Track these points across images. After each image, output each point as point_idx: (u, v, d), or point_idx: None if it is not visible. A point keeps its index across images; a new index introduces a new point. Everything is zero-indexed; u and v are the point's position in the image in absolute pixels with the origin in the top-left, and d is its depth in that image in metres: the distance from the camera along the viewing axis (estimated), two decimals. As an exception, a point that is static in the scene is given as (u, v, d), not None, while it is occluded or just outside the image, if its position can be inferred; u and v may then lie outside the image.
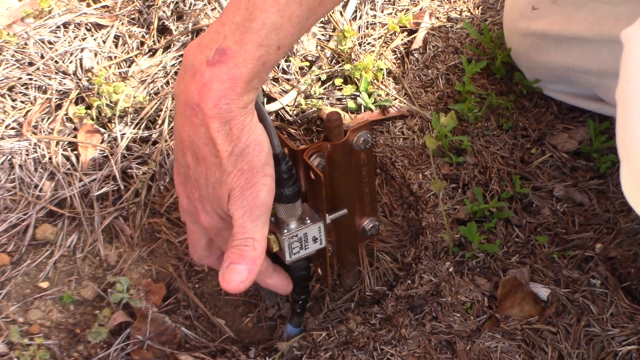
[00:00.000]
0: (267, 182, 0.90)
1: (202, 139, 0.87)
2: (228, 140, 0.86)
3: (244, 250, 0.89)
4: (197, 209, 0.93)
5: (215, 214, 0.92)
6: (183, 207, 0.95)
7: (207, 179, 0.89)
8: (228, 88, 0.84)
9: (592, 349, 1.07)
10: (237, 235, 0.89)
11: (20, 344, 1.10)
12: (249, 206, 0.89)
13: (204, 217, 0.93)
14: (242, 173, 0.88)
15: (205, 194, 0.91)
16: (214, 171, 0.88)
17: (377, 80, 1.35)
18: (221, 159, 0.87)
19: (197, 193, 0.91)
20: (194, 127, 0.86)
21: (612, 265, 1.15)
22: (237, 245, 0.90)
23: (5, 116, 1.31)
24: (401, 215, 1.24)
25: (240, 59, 0.84)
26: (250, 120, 0.87)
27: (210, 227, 0.94)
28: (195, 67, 0.86)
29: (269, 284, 1.02)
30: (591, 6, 1.20)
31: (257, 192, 0.89)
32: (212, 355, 1.10)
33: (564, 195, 1.23)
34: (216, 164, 0.88)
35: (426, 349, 1.07)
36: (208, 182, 0.89)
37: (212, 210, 0.92)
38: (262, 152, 0.89)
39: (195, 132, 0.87)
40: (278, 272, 1.02)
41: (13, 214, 1.22)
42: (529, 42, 1.29)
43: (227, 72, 0.84)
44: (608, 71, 1.20)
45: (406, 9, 1.46)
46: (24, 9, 1.45)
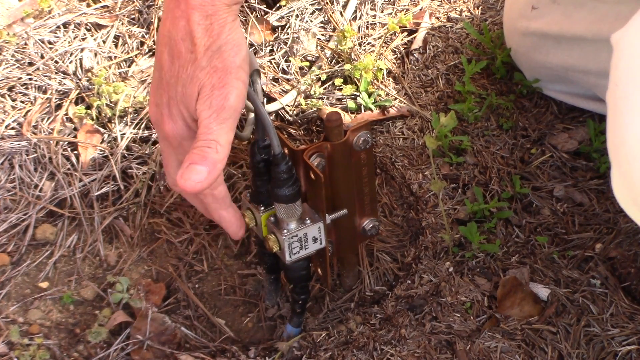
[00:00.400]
0: (239, 85, 0.87)
1: (181, 32, 0.85)
2: (207, 34, 0.84)
3: (205, 152, 0.86)
4: (162, 115, 0.89)
5: (181, 118, 0.89)
6: (151, 118, 0.92)
7: (179, 76, 0.86)
8: None
9: (592, 349, 1.07)
10: (201, 136, 0.86)
11: (20, 344, 1.10)
12: (217, 106, 0.86)
13: (169, 123, 0.89)
14: (215, 70, 0.85)
15: (174, 94, 0.87)
16: (186, 67, 0.85)
17: (377, 80, 1.35)
18: (196, 53, 0.85)
19: (166, 95, 0.88)
20: (175, 20, 0.85)
21: (612, 265, 1.15)
22: (200, 146, 0.86)
23: (5, 116, 1.31)
24: (401, 215, 1.24)
25: None
26: (233, 21, 0.85)
27: (172, 134, 0.90)
28: None
29: (222, 216, 0.97)
30: (591, 6, 1.20)
31: (227, 94, 0.86)
32: (212, 355, 1.10)
33: (564, 195, 1.23)
34: (190, 60, 0.85)
35: (426, 349, 1.07)
36: (179, 80, 0.86)
37: (178, 114, 0.88)
38: (238, 54, 0.86)
39: (175, 25, 0.85)
40: (234, 209, 0.98)
41: (13, 214, 1.22)
42: (528, 42, 1.29)
43: None
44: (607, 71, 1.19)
45: (406, 9, 1.46)
46: (24, 9, 1.45)
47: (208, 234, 1.22)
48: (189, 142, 0.89)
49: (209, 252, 1.21)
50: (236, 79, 0.87)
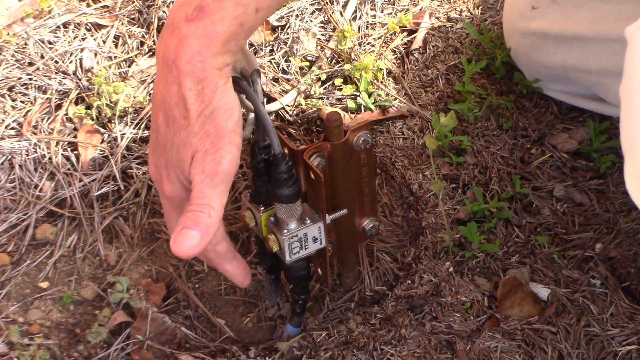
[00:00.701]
0: (232, 150, 0.87)
1: (174, 97, 0.85)
2: (199, 100, 0.85)
3: (198, 216, 0.87)
4: (161, 177, 0.91)
5: (178, 181, 0.90)
6: (152, 177, 0.93)
7: (173, 141, 0.87)
8: (203, 45, 0.84)
9: (592, 349, 1.07)
10: (194, 200, 0.87)
11: (20, 344, 1.10)
12: (209, 171, 0.86)
13: (167, 185, 0.90)
14: (207, 136, 0.86)
15: (170, 157, 0.88)
16: (180, 133, 0.86)
17: (377, 80, 1.35)
18: (189, 119, 0.85)
19: (163, 159, 0.89)
20: (168, 85, 0.85)
21: (612, 265, 1.15)
22: (193, 210, 0.87)
23: (5, 116, 1.31)
24: (401, 215, 1.24)
25: (217, 16, 0.84)
26: (224, 84, 0.86)
27: (172, 196, 0.91)
28: (175, 23, 0.85)
29: (227, 270, 0.99)
30: (591, 5, 1.20)
31: (220, 159, 0.87)
32: (212, 355, 1.10)
33: (564, 195, 1.23)
34: (183, 125, 0.86)
35: (426, 349, 1.07)
36: (173, 145, 0.87)
37: (175, 177, 0.89)
38: (231, 118, 0.87)
39: (168, 90, 0.85)
40: (239, 261, 0.99)
41: (13, 214, 1.22)
42: (528, 42, 1.29)
43: (204, 29, 0.83)
44: (608, 70, 1.20)
45: (406, 9, 1.46)
46: (24, 9, 1.45)
47: (208, 234, 1.22)
48: (187, 203, 0.90)
49: (209, 252, 1.21)
50: (229, 143, 0.87)
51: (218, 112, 0.86)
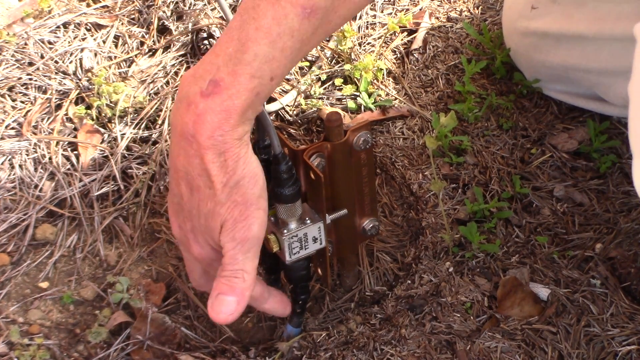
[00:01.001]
0: (260, 215, 0.90)
1: (197, 169, 0.87)
2: (222, 171, 0.86)
3: (233, 282, 0.90)
4: (188, 239, 0.93)
5: (207, 244, 0.92)
6: (176, 237, 0.96)
7: (200, 209, 0.89)
8: (222, 119, 0.85)
9: (592, 349, 1.07)
10: (227, 267, 0.90)
11: (20, 344, 1.10)
12: (240, 238, 0.89)
13: (196, 247, 0.93)
14: (235, 205, 0.88)
15: (197, 224, 0.91)
16: (206, 202, 0.88)
17: (377, 80, 1.35)
18: (215, 190, 0.87)
19: (189, 224, 0.92)
20: (189, 158, 0.87)
21: (612, 265, 1.15)
22: (227, 276, 0.90)
23: (5, 116, 1.31)
24: (401, 215, 1.24)
25: (234, 90, 0.84)
26: (246, 153, 0.87)
27: (202, 258, 0.94)
28: (189, 97, 0.86)
29: (266, 309, 1.02)
30: (591, 5, 1.20)
31: (249, 225, 0.89)
32: (212, 355, 1.10)
33: (564, 195, 1.23)
34: (209, 195, 0.88)
35: (426, 349, 1.07)
36: (200, 213, 0.89)
37: (203, 241, 0.92)
38: (256, 185, 0.89)
39: (190, 162, 0.87)
40: (274, 296, 1.01)
41: (13, 214, 1.22)
42: (528, 42, 1.29)
43: (221, 104, 0.84)
44: (609, 70, 1.20)
45: (406, 9, 1.46)
46: (24, 9, 1.45)
47: (208, 234, 1.22)
48: (218, 263, 0.92)
49: (209, 252, 1.21)
50: (257, 209, 0.90)
51: (243, 181, 0.88)
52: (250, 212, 0.89)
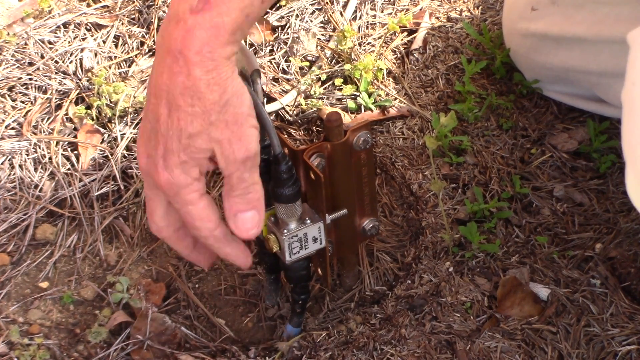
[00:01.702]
0: (254, 133, 0.89)
1: (179, 87, 0.85)
2: (210, 89, 0.85)
3: (248, 198, 0.90)
4: (157, 167, 0.90)
5: (178, 167, 0.89)
6: (142, 169, 0.93)
7: (181, 129, 0.87)
8: (211, 35, 0.84)
9: (592, 349, 1.07)
10: (238, 187, 0.90)
11: (20, 344, 1.10)
12: (242, 159, 0.88)
13: (163, 174, 0.90)
14: (227, 125, 0.87)
15: (174, 146, 0.88)
16: (192, 122, 0.87)
17: (377, 80, 1.35)
18: (202, 107, 0.86)
19: (161, 148, 0.89)
20: (173, 75, 0.85)
21: (612, 265, 1.15)
22: (240, 194, 0.90)
23: (5, 116, 1.31)
24: (401, 215, 1.24)
25: (224, 7, 0.84)
26: (232, 72, 0.87)
27: (168, 184, 0.91)
28: (178, 15, 0.85)
29: (228, 253, 0.98)
30: (591, 7, 1.20)
31: (247, 145, 0.88)
32: (212, 355, 1.10)
33: (564, 195, 1.23)
34: (196, 114, 0.86)
35: (426, 349, 1.07)
36: (182, 134, 0.87)
37: (174, 164, 0.89)
38: (244, 104, 0.88)
39: (174, 80, 0.85)
40: (237, 242, 0.99)
41: (13, 214, 1.22)
42: (528, 43, 1.29)
43: (210, 20, 0.84)
44: (608, 72, 1.20)
45: (406, 9, 1.47)
46: (24, 9, 1.45)
47: (208, 234, 1.22)
48: (186, 190, 0.90)
49: (209, 252, 1.21)
50: (249, 127, 0.89)
51: (232, 99, 0.87)
52: (243, 131, 0.88)
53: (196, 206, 0.91)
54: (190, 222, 0.92)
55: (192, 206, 0.91)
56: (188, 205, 0.91)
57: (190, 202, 0.91)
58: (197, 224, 0.92)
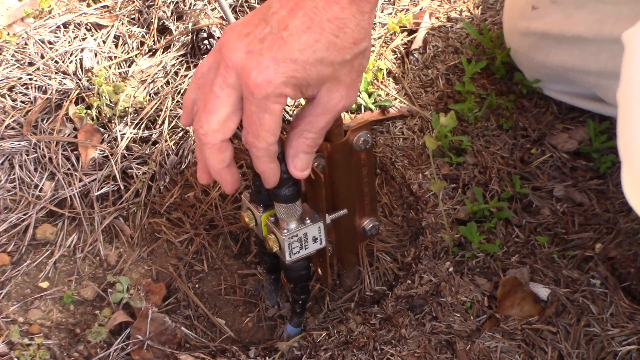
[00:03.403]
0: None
1: (331, 14, 0.86)
2: (358, 29, 0.87)
3: (317, 142, 0.92)
4: (259, 64, 0.87)
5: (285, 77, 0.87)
6: (233, 62, 0.88)
7: (315, 51, 0.86)
8: None
9: (592, 349, 1.07)
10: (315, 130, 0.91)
11: (20, 344, 1.10)
12: (341, 107, 0.90)
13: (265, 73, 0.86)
14: (352, 71, 0.88)
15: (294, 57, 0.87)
16: (327, 48, 0.86)
17: (377, 80, 1.35)
18: (345, 44, 0.87)
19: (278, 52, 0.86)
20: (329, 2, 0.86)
21: (612, 265, 1.15)
22: (312, 137, 0.91)
23: (5, 116, 1.31)
24: (401, 215, 1.24)
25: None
26: (371, 26, 0.89)
27: (265, 84, 0.87)
28: None
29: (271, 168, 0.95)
30: (591, 6, 1.20)
31: (354, 98, 0.91)
32: (212, 355, 1.10)
33: (564, 195, 1.23)
34: (334, 44, 0.86)
35: (426, 349, 1.07)
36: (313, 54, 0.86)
37: (284, 73, 0.87)
38: (368, 61, 0.91)
39: (328, 6, 0.86)
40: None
41: (13, 214, 1.22)
42: (528, 42, 1.29)
43: None
44: (608, 71, 1.20)
45: (406, 9, 1.46)
46: (24, 9, 1.45)
47: (208, 234, 1.22)
48: (277, 99, 0.88)
49: (209, 252, 1.21)
50: (360, 83, 0.92)
51: (367, 51, 0.90)
52: (358, 83, 0.91)
53: (272, 117, 0.88)
54: (257, 130, 0.89)
55: (269, 115, 0.88)
56: (266, 113, 0.88)
57: (272, 112, 0.88)
58: (263, 134, 0.89)
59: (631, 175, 0.83)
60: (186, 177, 1.27)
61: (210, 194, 1.25)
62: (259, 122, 0.88)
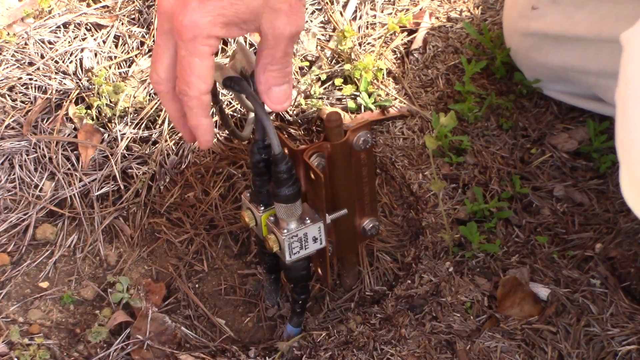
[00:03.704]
0: (304, 9, 0.90)
1: None
2: None
3: (286, 71, 0.90)
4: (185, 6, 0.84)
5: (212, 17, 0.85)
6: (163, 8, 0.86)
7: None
8: None
9: (592, 349, 1.07)
10: (279, 60, 0.89)
11: (20, 344, 1.10)
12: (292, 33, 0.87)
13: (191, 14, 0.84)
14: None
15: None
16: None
17: (377, 80, 1.35)
18: None
19: None
20: None
21: (612, 265, 1.15)
22: (279, 68, 0.89)
23: (5, 116, 1.31)
24: (401, 215, 1.24)
25: None
26: None
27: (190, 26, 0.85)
28: None
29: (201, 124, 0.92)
30: (591, 6, 1.20)
31: (301, 20, 0.87)
32: (212, 355, 1.10)
33: (564, 195, 1.23)
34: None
35: (426, 349, 1.07)
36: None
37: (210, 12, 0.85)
38: None
39: None
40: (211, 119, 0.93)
41: (13, 214, 1.22)
42: (528, 42, 1.29)
43: None
44: (608, 71, 1.20)
45: (406, 9, 1.46)
46: (24, 9, 1.45)
47: (208, 234, 1.22)
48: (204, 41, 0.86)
49: (209, 252, 1.21)
50: (304, 3, 0.89)
51: None
52: (300, 5, 0.88)
53: (202, 61, 0.86)
54: (187, 75, 0.87)
55: (198, 59, 0.86)
56: (195, 57, 0.86)
57: (200, 54, 0.85)
58: (193, 80, 0.86)
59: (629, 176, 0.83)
60: (186, 177, 1.27)
61: (210, 194, 1.25)
62: (189, 68, 0.86)
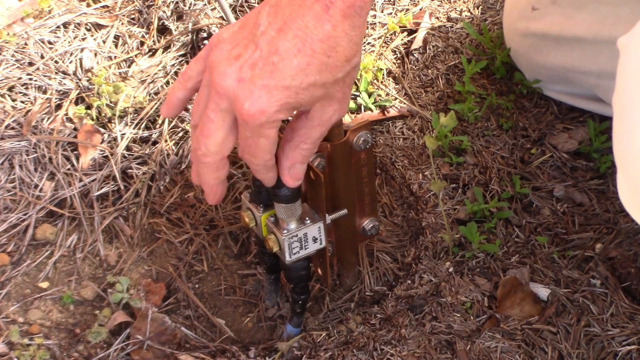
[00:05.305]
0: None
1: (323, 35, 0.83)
2: (350, 46, 0.85)
3: (311, 152, 0.93)
4: (251, 93, 0.86)
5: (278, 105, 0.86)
6: (225, 90, 0.87)
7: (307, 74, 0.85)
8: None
9: (592, 349, 1.07)
10: (309, 141, 0.91)
11: (20, 344, 1.10)
12: (334, 120, 0.90)
13: (258, 103, 0.85)
14: (345, 86, 0.88)
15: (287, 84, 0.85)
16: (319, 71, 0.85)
17: (377, 80, 1.35)
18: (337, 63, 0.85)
19: (270, 80, 0.85)
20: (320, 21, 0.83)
21: (612, 265, 1.15)
22: (307, 148, 0.91)
23: (5, 116, 1.31)
24: (401, 215, 1.24)
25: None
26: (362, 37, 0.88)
27: (259, 115, 0.86)
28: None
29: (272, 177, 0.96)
30: (591, 7, 1.20)
31: (345, 110, 0.91)
32: (212, 355, 1.10)
33: (564, 195, 1.23)
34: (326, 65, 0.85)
35: (426, 349, 1.07)
36: (305, 78, 0.85)
37: (277, 100, 0.86)
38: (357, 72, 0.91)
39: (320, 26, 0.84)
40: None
41: (13, 214, 1.22)
42: (528, 43, 1.29)
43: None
44: (608, 72, 1.20)
45: (406, 9, 1.46)
46: (24, 9, 1.45)
47: (208, 234, 1.22)
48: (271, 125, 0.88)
49: (209, 252, 1.21)
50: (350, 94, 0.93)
51: (358, 65, 0.90)
52: (349, 97, 0.91)
53: (269, 140, 0.88)
54: (253, 151, 0.90)
55: (265, 139, 0.88)
56: (262, 137, 0.88)
57: (267, 136, 0.88)
58: (260, 154, 0.90)
59: (627, 180, 0.83)
60: (186, 177, 1.27)
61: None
62: (254, 145, 0.89)
